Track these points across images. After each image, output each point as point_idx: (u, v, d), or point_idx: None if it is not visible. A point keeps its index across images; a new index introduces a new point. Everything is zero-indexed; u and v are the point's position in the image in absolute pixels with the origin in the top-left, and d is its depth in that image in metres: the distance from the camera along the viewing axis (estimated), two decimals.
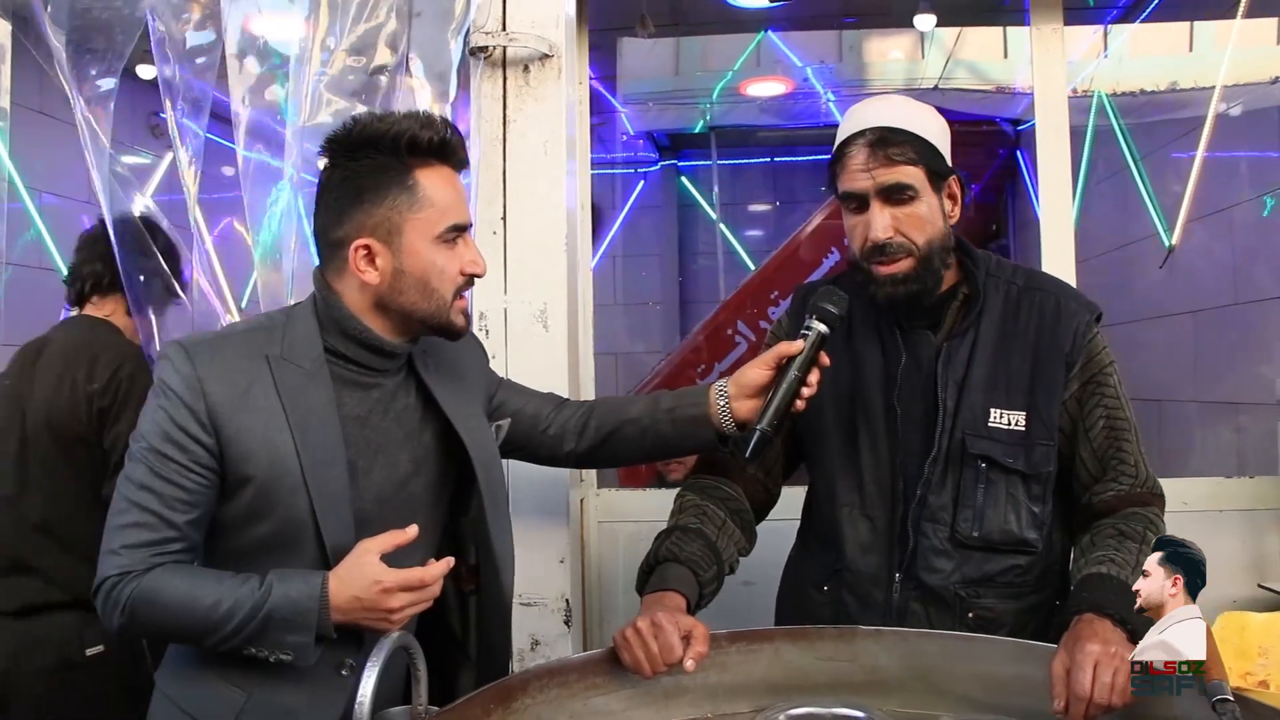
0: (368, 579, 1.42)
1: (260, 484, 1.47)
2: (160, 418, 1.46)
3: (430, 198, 1.51)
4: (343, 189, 1.52)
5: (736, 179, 7.55)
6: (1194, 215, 4.17)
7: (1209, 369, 4.02)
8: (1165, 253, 4.22)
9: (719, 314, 6.47)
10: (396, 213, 1.50)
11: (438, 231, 1.52)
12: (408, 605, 1.45)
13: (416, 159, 1.51)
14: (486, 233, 2.24)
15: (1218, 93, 4.06)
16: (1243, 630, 1.83)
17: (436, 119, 1.54)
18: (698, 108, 6.87)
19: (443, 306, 1.55)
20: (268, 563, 1.47)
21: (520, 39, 2.23)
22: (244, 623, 1.41)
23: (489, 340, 2.24)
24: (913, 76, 6.50)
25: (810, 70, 6.55)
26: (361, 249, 1.51)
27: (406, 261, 1.52)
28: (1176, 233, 4.19)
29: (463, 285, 1.57)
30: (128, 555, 1.43)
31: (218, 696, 1.51)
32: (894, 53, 6.55)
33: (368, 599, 1.42)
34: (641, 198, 7.52)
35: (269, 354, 1.51)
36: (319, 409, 1.51)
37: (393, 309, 1.54)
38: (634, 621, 1.57)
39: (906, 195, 1.70)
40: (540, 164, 2.26)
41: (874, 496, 1.79)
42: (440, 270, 1.53)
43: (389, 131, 1.50)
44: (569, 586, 2.29)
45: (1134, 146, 4.77)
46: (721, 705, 1.61)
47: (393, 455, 1.59)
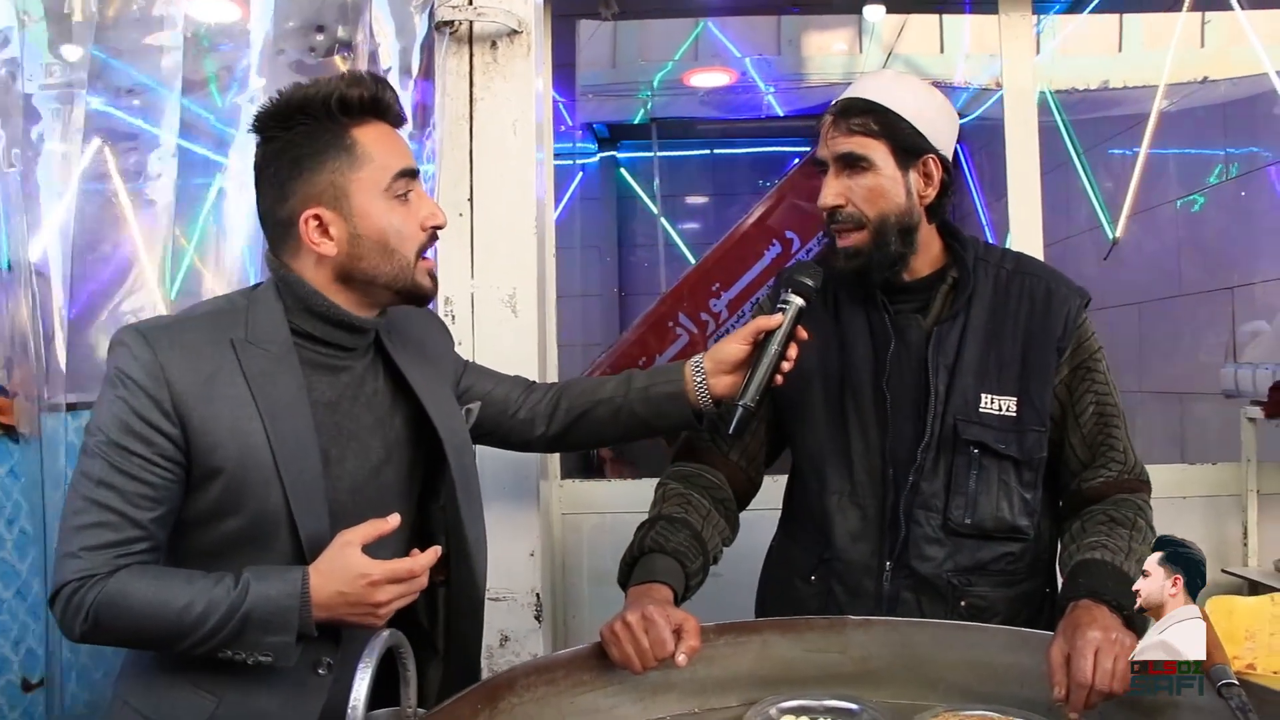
0: (353, 572, 1.35)
1: (230, 476, 1.39)
2: (119, 409, 1.36)
3: (369, 154, 1.45)
4: (279, 161, 1.45)
5: (676, 171, 7.53)
6: (1137, 209, 4.25)
7: (1153, 359, 4.10)
8: (1109, 245, 4.30)
9: (659, 306, 6.43)
10: (339, 175, 1.43)
11: (384, 185, 1.45)
12: (395, 598, 1.39)
13: (350, 118, 1.45)
14: (453, 215, 2.16)
15: (1161, 90, 4.14)
16: (1230, 614, 1.84)
17: (365, 77, 1.48)
18: (638, 98, 6.82)
19: (405, 267, 1.48)
20: (238, 560, 1.39)
21: (488, 14, 2.16)
22: (220, 625, 1.33)
23: (455, 326, 2.17)
24: (850, 70, 6.53)
25: (749, 62, 6.55)
26: (312, 219, 1.44)
27: (361, 225, 1.45)
28: (1120, 225, 4.27)
29: (425, 242, 1.50)
30: (89, 557, 1.34)
31: (186, 703, 1.43)
32: (835, 45, 6.59)
33: (353, 594, 1.36)
34: (580, 189, 7.46)
35: (233, 338, 1.43)
36: (289, 395, 1.43)
37: (356, 278, 1.47)
38: (623, 615, 1.53)
39: (860, 166, 1.69)
40: (509, 144, 2.20)
41: (864, 484, 1.77)
42: (398, 229, 1.47)
43: (318, 94, 1.43)
44: (539, 580, 2.23)
45: (1077, 141, 4.85)
46: (710, 699, 1.59)
47: (364, 442, 1.53)
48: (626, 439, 1.87)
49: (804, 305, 1.68)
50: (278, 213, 1.46)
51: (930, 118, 1.72)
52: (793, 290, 1.68)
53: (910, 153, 1.70)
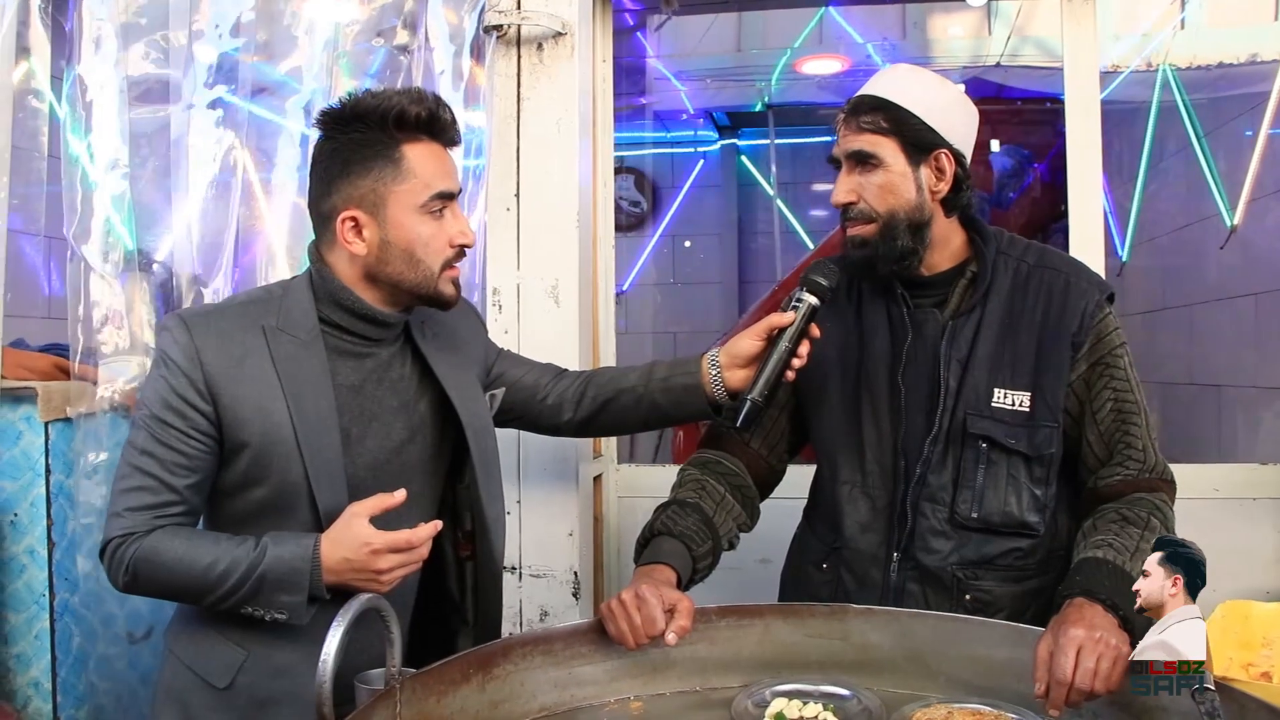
0: (358, 540, 1.48)
1: (255, 450, 1.53)
2: (161, 387, 1.52)
3: (414, 170, 1.55)
4: (331, 161, 1.58)
5: (796, 158, 7.43)
6: (1257, 194, 4.01)
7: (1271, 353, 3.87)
8: (1227, 233, 4.07)
9: (775, 293, 6.40)
10: (381, 184, 1.55)
11: (421, 202, 1.56)
12: (396, 567, 1.50)
13: (404, 133, 1.56)
14: (499, 209, 2.27)
15: None
16: (1246, 620, 1.77)
17: (428, 96, 1.58)
18: (756, 86, 6.78)
19: (429, 276, 1.59)
20: (264, 526, 1.54)
21: (533, 17, 2.25)
22: (240, 583, 1.47)
23: (501, 315, 2.27)
24: (977, 54, 6.33)
25: (871, 47, 6.43)
26: (349, 220, 1.56)
27: (392, 233, 1.56)
28: (1239, 212, 4.04)
29: (452, 256, 1.61)
30: (130, 517, 1.50)
31: (220, 654, 1.58)
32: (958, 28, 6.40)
33: (357, 560, 1.48)
34: (701, 177, 7.46)
35: (265, 325, 1.57)
36: (313, 377, 1.56)
37: (381, 279, 1.59)
38: (620, 593, 1.60)
39: (870, 163, 1.71)
40: (553, 142, 2.29)
41: (875, 475, 1.79)
42: (425, 241, 1.57)
43: (378, 106, 1.54)
44: (577, 559, 2.31)
45: (1197, 123, 4.59)
46: (710, 679, 1.63)
47: (386, 423, 1.64)
48: (648, 427, 1.94)
49: (817, 304, 1.72)
50: (321, 206, 1.59)
51: (943, 112, 1.72)
52: (807, 289, 1.71)
53: (921, 148, 1.71)
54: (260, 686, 1.58)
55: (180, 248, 2.46)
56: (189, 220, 2.45)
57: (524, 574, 2.30)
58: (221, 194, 2.47)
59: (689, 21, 6.29)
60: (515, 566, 2.30)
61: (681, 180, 7.50)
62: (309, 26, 2.30)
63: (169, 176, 2.40)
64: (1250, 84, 4.40)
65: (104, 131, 2.24)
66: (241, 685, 1.58)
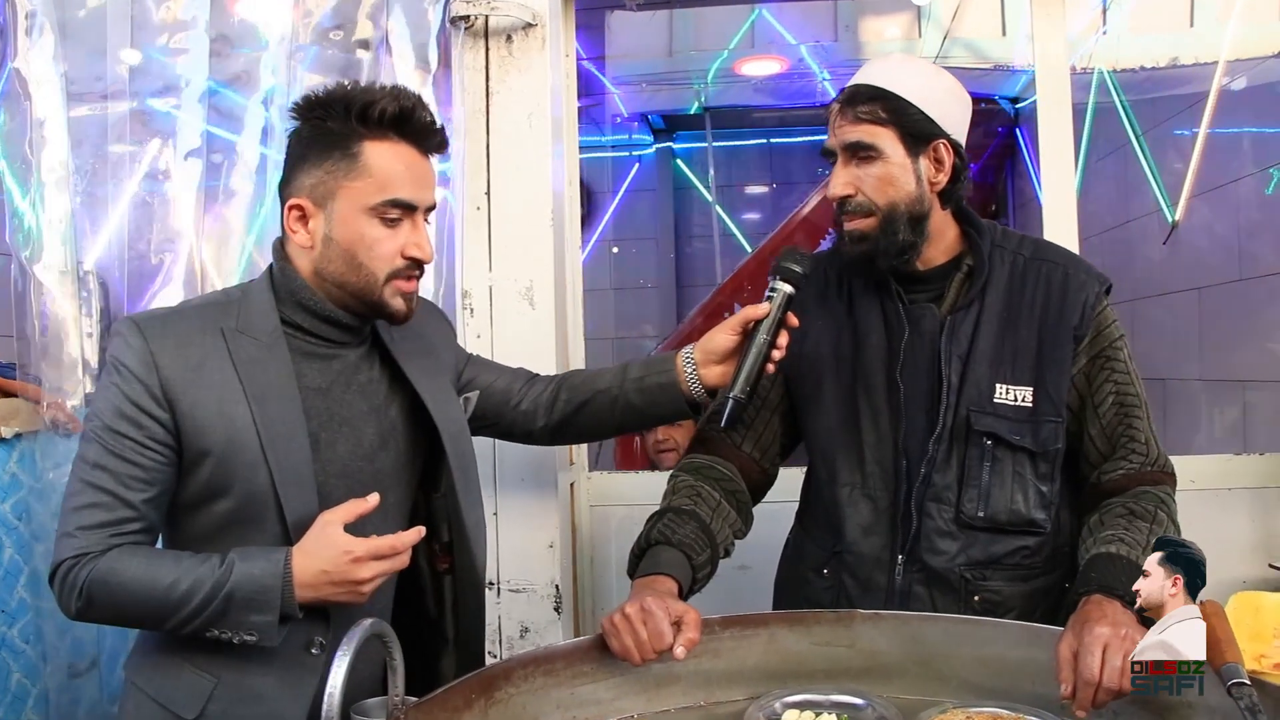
0: (336, 549, 1.40)
1: (218, 458, 1.45)
2: (113, 395, 1.43)
3: (370, 167, 1.48)
4: (295, 147, 1.52)
5: (732, 160, 7.47)
6: (1197, 191, 4.11)
7: (1213, 346, 3.97)
8: (1168, 229, 4.16)
9: (716, 296, 6.43)
10: (333, 177, 1.48)
11: (371, 204, 1.48)
12: (377, 575, 1.42)
13: (369, 129, 1.48)
14: (470, 208, 2.20)
15: (1221, 67, 3.99)
16: (1257, 611, 1.78)
17: (406, 94, 1.51)
18: (692, 88, 6.79)
19: (372, 284, 1.51)
20: (229, 542, 1.45)
21: (502, 7, 2.18)
22: (205, 603, 1.38)
23: (474, 318, 2.20)
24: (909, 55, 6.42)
25: (805, 49, 6.48)
26: (294, 209, 1.50)
27: (336, 229, 1.49)
28: (1180, 208, 4.14)
29: (402, 268, 1.52)
30: (84, 537, 1.41)
31: (187, 683, 1.49)
32: (891, 30, 6.48)
33: (336, 571, 1.40)
34: (636, 181, 7.45)
35: (224, 327, 1.49)
36: (277, 381, 1.49)
37: (327, 279, 1.52)
38: (623, 607, 1.53)
39: (869, 154, 1.68)
40: (525, 137, 2.22)
41: (876, 476, 1.75)
42: (369, 245, 1.49)
43: (346, 97, 1.48)
44: (558, 572, 2.24)
45: (1135, 123, 4.70)
46: (715, 693, 1.59)
47: (357, 428, 1.57)
48: (625, 430, 1.90)
49: (792, 293, 1.67)
50: (281, 192, 1.54)
51: (940, 101, 1.70)
52: (780, 278, 1.67)
53: (920, 139, 1.68)
54: (232, 715, 1.48)
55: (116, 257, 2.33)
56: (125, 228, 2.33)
57: (503, 589, 2.21)
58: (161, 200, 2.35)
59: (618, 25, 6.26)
60: (494, 581, 2.22)
61: (617, 184, 7.48)
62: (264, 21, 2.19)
63: (107, 182, 2.28)
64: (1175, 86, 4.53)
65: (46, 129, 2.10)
66: (212, 714, 1.48)
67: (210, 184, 2.38)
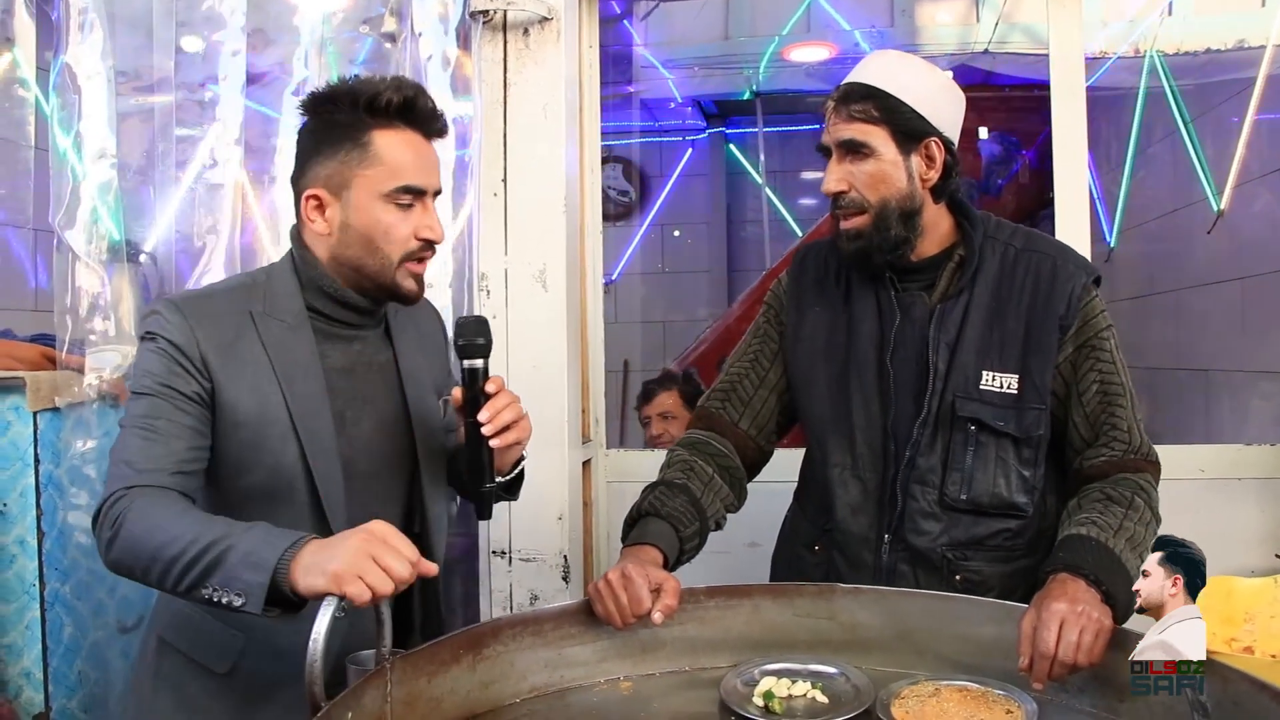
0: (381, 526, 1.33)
1: (250, 431, 1.52)
2: (157, 361, 1.49)
3: (381, 156, 1.54)
4: (306, 141, 1.59)
5: (784, 146, 7.43)
6: (1242, 179, 4.02)
7: (1257, 336, 3.89)
8: (1214, 218, 4.08)
9: (765, 281, 6.42)
10: (347, 167, 1.55)
11: (385, 190, 1.55)
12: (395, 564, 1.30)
13: (377, 119, 1.55)
14: (487, 195, 2.27)
15: (1269, 53, 3.90)
16: (1229, 595, 1.78)
17: (408, 84, 1.58)
18: (743, 74, 6.77)
19: (388, 266, 1.57)
20: (259, 514, 1.47)
21: (520, 2, 2.25)
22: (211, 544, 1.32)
23: (490, 300, 2.27)
24: (965, 40, 6.33)
25: (859, 34, 6.43)
26: (311, 199, 1.57)
27: (352, 216, 1.56)
28: (1225, 197, 4.05)
29: (416, 250, 1.58)
30: (129, 471, 1.43)
31: (219, 639, 1.56)
32: (946, 15, 6.40)
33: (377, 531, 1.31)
34: (689, 166, 7.46)
35: (252, 310, 1.56)
36: (303, 360, 1.56)
37: (344, 264, 1.58)
38: (606, 574, 1.60)
39: (861, 152, 1.72)
40: (540, 126, 2.29)
41: (865, 458, 1.79)
42: (385, 230, 1.56)
43: (353, 90, 1.55)
44: (567, 542, 2.32)
45: (1184, 109, 4.60)
46: (700, 659, 1.64)
47: (380, 407, 1.64)
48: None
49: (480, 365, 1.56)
50: (295, 184, 1.60)
51: (932, 100, 1.73)
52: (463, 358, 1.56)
53: (911, 137, 1.72)
54: (263, 670, 1.56)
55: (167, 238, 2.46)
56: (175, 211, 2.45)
57: (514, 558, 2.30)
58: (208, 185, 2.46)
59: (675, 9, 6.27)
60: (505, 551, 2.31)
61: (670, 169, 7.49)
62: (297, 15, 2.29)
63: (156, 167, 2.40)
64: (1237, 70, 4.41)
65: (92, 121, 2.23)
66: (243, 669, 1.56)
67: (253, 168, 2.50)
